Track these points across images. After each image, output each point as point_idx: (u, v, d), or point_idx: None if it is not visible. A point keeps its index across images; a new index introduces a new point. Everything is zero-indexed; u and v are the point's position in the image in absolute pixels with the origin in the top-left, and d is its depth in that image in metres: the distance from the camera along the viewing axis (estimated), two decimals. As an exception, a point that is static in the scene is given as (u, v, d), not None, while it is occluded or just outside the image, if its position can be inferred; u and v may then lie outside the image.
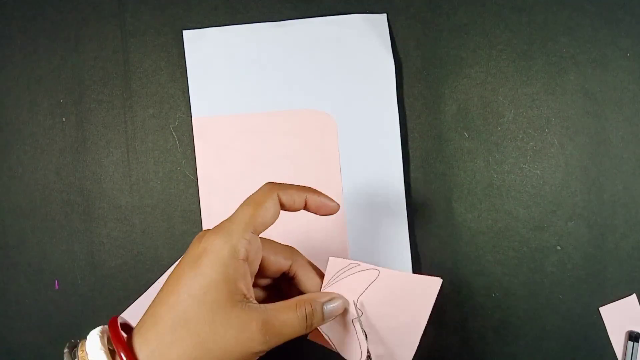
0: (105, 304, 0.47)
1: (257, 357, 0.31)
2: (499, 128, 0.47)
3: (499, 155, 0.47)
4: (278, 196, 0.34)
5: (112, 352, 0.30)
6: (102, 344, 0.31)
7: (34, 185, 0.47)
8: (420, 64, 0.48)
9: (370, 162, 0.47)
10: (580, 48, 0.47)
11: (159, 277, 0.47)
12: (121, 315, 0.35)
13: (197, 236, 0.33)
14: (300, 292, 0.36)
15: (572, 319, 0.47)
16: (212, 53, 0.47)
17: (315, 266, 0.38)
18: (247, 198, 0.34)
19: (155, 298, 0.32)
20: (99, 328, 0.32)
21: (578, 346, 0.47)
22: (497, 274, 0.47)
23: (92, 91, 0.48)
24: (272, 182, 0.35)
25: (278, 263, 0.35)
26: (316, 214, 0.36)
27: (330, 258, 0.36)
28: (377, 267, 0.35)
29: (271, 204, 0.33)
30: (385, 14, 0.47)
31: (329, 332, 0.36)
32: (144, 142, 0.48)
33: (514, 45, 0.47)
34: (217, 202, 0.47)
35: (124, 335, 0.31)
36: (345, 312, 0.35)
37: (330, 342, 0.36)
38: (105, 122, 0.48)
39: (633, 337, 0.46)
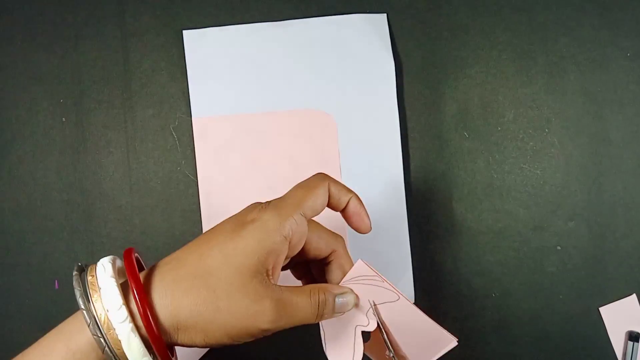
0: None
1: (258, 337, 0.31)
2: (499, 128, 0.47)
3: (499, 155, 0.47)
4: (329, 185, 0.34)
5: (122, 284, 0.30)
6: (114, 271, 0.30)
7: (34, 185, 0.47)
8: (420, 64, 0.48)
9: (370, 162, 0.47)
10: (580, 48, 0.47)
11: (159, 277, 0.47)
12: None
13: (247, 207, 0.33)
14: (325, 281, 0.36)
15: (572, 319, 0.47)
16: (212, 53, 0.47)
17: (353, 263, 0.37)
18: (300, 182, 0.34)
19: (186, 245, 0.32)
20: (110, 257, 0.32)
21: (578, 346, 0.47)
22: (497, 274, 0.47)
23: (92, 91, 0.48)
24: (324, 173, 0.35)
25: (319, 249, 0.35)
26: (348, 222, 0.36)
27: (359, 260, 0.35)
28: (399, 293, 0.34)
29: (322, 190, 0.33)
30: (385, 14, 0.47)
31: (327, 329, 0.36)
32: (144, 142, 0.47)
33: (514, 45, 0.47)
34: (217, 202, 0.47)
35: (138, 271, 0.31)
36: (352, 314, 0.35)
37: (323, 340, 0.36)
38: (105, 122, 0.48)
39: (633, 337, 0.46)
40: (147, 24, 0.48)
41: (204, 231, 0.47)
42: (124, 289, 0.30)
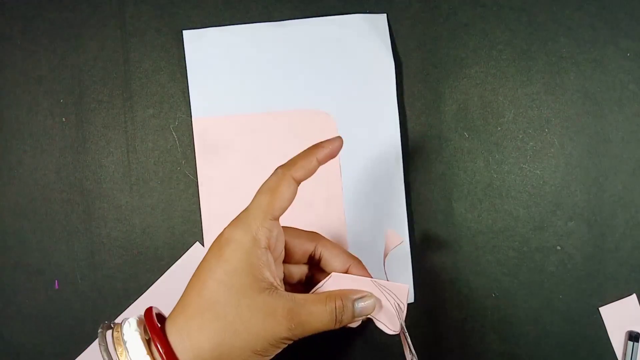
0: (105, 304, 0.47)
1: (284, 345, 0.32)
2: (499, 128, 0.47)
3: (499, 155, 0.47)
4: (292, 177, 0.34)
5: (147, 342, 0.31)
6: (139, 327, 0.31)
7: (34, 185, 0.47)
8: (420, 64, 0.48)
9: (370, 162, 0.47)
10: (580, 48, 0.47)
11: (159, 277, 0.47)
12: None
13: (219, 234, 0.34)
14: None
15: (572, 319, 0.47)
16: (212, 53, 0.47)
17: (341, 246, 0.38)
18: (262, 186, 0.34)
19: (185, 288, 0.33)
20: (136, 316, 0.32)
21: (578, 346, 0.47)
22: (497, 274, 0.47)
23: (92, 91, 0.48)
24: (282, 166, 0.35)
25: (302, 246, 0.36)
26: (331, 159, 0.36)
27: (333, 274, 0.36)
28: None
29: (286, 187, 0.34)
30: (385, 14, 0.47)
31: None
32: (144, 142, 0.48)
33: (514, 45, 0.47)
34: (217, 202, 0.47)
35: (158, 324, 0.32)
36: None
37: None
38: (105, 122, 0.48)
39: (633, 337, 0.46)
40: (147, 24, 0.48)
41: (204, 231, 0.47)
42: (149, 345, 0.31)
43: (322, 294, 0.33)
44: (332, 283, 0.36)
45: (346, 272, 0.37)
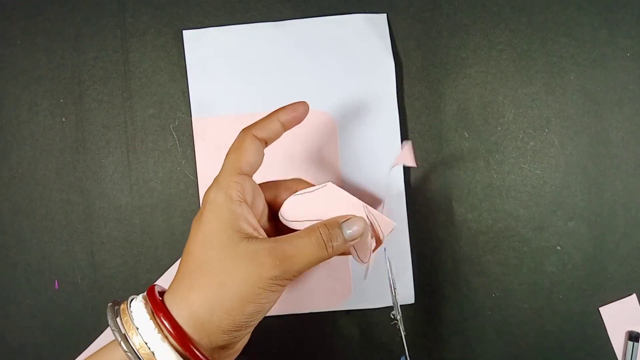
0: (105, 304, 0.47)
1: (277, 286, 0.32)
2: (499, 128, 0.47)
3: (499, 155, 0.47)
4: (253, 135, 0.35)
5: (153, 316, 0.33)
6: (144, 300, 0.33)
7: (34, 185, 0.47)
8: (420, 64, 0.48)
9: (370, 162, 0.47)
10: (580, 48, 0.47)
11: (159, 277, 0.47)
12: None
13: None
14: None
15: (572, 319, 0.47)
16: (212, 53, 0.47)
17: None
18: (230, 146, 0.36)
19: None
20: (139, 296, 0.34)
21: (578, 346, 0.47)
22: (497, 274, 0.47)
23: (92, 91, 0.48)
24: (246, 127, 0.36)
25: (285, 193, 0.37)
26: (297, 124, 0.38)
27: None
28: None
29: (248, 143, 0.35)
30: (385, 14, 0.47)
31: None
32: (144, 142, 0.48)
33: (514, 45, 0.47)
34: (217, 202, 0.47)
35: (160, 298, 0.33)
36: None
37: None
38: (105, 122, 0.48)
39: (633, 337, 0.46)
40: (147, 24, 0.48)
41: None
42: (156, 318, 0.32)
43: (305, 228, 0.34)
44: (325, 194, 0.36)
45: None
